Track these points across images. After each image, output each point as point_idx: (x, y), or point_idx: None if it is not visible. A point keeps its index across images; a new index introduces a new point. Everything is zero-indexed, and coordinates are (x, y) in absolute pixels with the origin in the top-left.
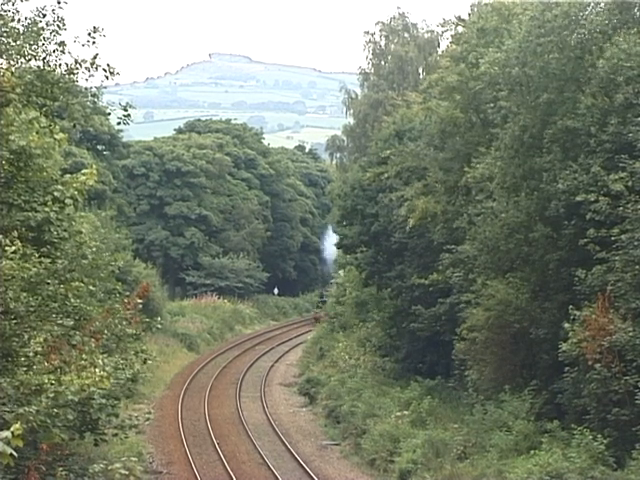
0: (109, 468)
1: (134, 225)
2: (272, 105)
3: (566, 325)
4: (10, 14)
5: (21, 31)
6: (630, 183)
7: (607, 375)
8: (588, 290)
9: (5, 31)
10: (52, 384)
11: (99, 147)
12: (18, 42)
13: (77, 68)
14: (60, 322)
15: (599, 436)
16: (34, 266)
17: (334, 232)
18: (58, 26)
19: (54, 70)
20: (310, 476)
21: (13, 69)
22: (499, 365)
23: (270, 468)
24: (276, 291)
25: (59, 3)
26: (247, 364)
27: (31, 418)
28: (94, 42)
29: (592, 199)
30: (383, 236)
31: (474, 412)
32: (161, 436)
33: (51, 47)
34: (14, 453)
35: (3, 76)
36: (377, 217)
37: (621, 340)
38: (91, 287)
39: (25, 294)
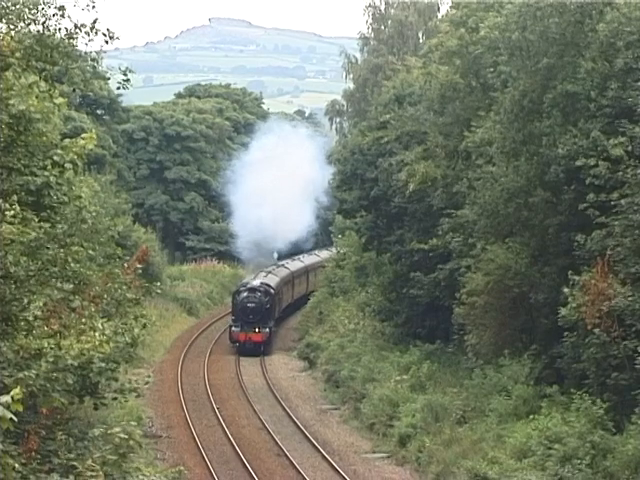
0: (109, 432)
1: (134, 189)
2: (272, 70)
3: (565, 290)
4: None
5: None
6: (630, 148)
7: (606, 340)
8: (587, 255)
9: None
10: (52, 348)
11: (99, 111)
12: (18, 6)
13: (77, 32)
14: (60, 286)
15: (598, 400)
16: (34, 230)
17: (335, 197)
18: None
19: (54, 34)
20: (309, 440)
21: (13, 33)
22: (498, 330)
23: (270, 432)
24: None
25: None
26: None
27: (31, 382)
28: (94, 6)
29: (592, 164)
30: (383, 201)
31: (473, 377)
32: (161, 400)
33: (51, 11)
34: (14, 417)
35: (3, 40)
36: (377, 182)
37: (620, 305)
38: (91, 251)
39: (25, 258)
